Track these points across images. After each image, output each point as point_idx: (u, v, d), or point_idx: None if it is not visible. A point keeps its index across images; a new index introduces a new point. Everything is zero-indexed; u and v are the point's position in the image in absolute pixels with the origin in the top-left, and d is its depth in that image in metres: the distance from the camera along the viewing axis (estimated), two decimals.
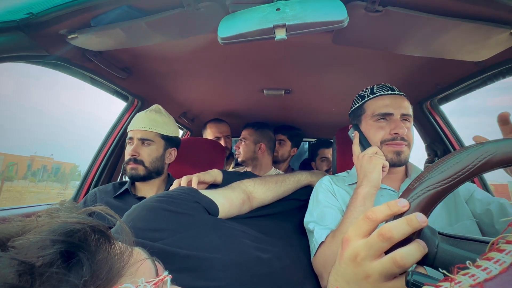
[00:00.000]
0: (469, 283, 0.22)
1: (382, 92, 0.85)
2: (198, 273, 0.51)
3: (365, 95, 0.88)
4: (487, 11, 0.71)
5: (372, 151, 0.78)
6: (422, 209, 0.32)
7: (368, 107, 0.86)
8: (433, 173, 0.33)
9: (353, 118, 0.92)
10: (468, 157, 0.32)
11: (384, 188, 0.82)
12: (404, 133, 0.78)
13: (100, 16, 0.79)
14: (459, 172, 0.32)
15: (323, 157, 1.96)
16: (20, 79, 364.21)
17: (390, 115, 0.81)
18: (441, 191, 0.32)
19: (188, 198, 0.64)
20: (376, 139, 0.82)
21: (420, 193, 0.33)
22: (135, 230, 0.39)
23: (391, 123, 0.80)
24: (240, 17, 0.68)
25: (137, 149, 1.07)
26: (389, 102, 0.82)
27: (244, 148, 1.65)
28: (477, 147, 0.32)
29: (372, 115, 0.83)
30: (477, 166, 0.31)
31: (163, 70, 1.29)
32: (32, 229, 0.27)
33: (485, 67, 0.99)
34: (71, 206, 0.33)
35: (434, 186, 0.32)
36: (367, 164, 0.77)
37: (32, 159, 55.37)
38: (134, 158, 1.06)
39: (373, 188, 0.74)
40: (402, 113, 0.81)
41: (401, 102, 0.82)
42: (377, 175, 0.74)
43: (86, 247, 0.27)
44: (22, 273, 0.23)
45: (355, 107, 0.91)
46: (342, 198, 0.83)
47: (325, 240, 0.72)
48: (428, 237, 0.33)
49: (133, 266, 0.30)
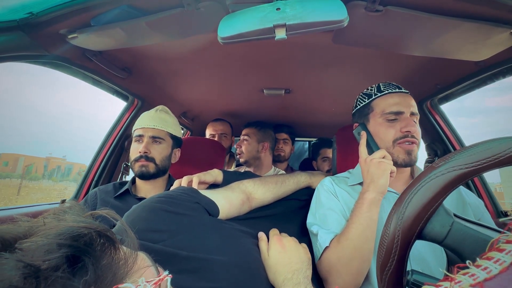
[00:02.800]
0: (469, 283, 0.22)
1: (390, 90, 0.84)
2: (198, 274, 0.51)
3: (372, 94, 0.86)
4: (487, 11, 0.71)
5: (380, 155, 0.76)
6: (444, 188, 0.32)
7: (376, 105, 0.84)
8: (461, 154, 0.33)
9: (358, 117, 0.89)
10: (501, 146, 0.31)
11: (388, 190, 0.80)
12: (415, 131, 0.77)
13: (100, 16, 0.79)
14: (488, 158, 0.31)
15: (325, 157, 1.94)
16: (34, 83, 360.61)
17: (401, 114, 0.79)
18: (467, 173, 0.32)
19: (188, 198, 0.63)
20: (387, 138, 0.79)
21: (445, 171, 0.33)
22: (135, 231, 0.39)
23: (402, 121, 0.78)
24: (240, 16, 0.68)
25: (149, 147, 1.06)
26: (398, 100, 0.81)
27: (247, 147, 1.63)
28: (511, 138, 0.32)
29: (382, 113, 0.81)
30: (508, 156, 0.31)
31: (163, 70, 1.29)
32: (39, 231, 0.27)
33: (485, 66, 0.99)
34: (78, 209, 0.33)
35: (460, 166, 0.32)
36: (375, 169, 0.74)
37: (48, 160, 56.79)
38: (145, 155, 1.05)
39: (380, 194, 0.72)
40: (412, 112, 0.79)
41: (410, 101, 0.81)
42: (384, 182, 0.73)
43: (92, 252, 0.27)
44: (28, 276, 0.23)
45: (361, 105, 0.89)
46: (344, 200, 0.82)
47: (329, 245, 0.71)
48: (443, 214, 0.33)
49: (137, 272, 0.31)
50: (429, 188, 0.33)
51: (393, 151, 0.78)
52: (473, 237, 0.31)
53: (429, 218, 0.33)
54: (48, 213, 0.31)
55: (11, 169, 49.35)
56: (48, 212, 0.31)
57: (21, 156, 53.42)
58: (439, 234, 0.33)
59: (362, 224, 0.69)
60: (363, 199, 0.72)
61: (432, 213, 0.32)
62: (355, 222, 0.70)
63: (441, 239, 0.33)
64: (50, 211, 0.32)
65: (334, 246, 0.70)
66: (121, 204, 1.04)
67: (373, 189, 0.72)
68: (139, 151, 1.05)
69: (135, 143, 1.09)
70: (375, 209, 0.71)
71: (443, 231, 0.32)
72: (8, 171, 48.20)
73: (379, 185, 0.72)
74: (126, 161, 1.49)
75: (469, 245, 0.32)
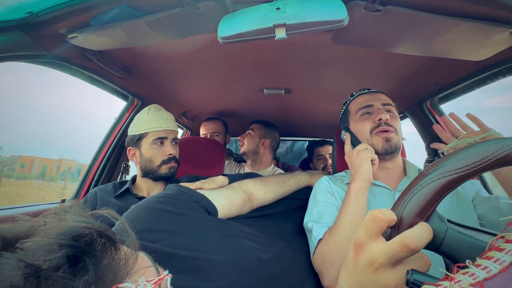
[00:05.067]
0: (469, 282, 0.22)
1: (360, 92, 0.95)
2: (197, 274, 0.51)
3: (347, 100, 0.98)
4: (487, 10, 0.71)
5: (360, 147, 0.82)
6: (435, 195, 0.32)
7: (351, 108, 0.94)
8: (451, 160, 0.33)
9: (342, 123, 1.00)
10: (489, 149, 0.32)
11: (380, 185, 0.83)
12: (386, 117, 0.83)
13: (100, 16, 0.79)
14: (477, 162, 0.32)
15: (319, 155, 1.99)
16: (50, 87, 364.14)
17: (371, 107, 0.87)
18: (457, 179, 0.32)
19: (187, 198, 0.63)
20: (364, 131, 0.86)
21: (435, 178, 0.33)
22: (134, 231, 0.39)
23: (374, 113, 0.86)
24: (240, 16, 0.68)
25: (175, 149, 1.12)
26: (368, 97, 0.90)
27: (249, 140, 1.69)
28: (499, 140, 0.32)
29: (356, 113, 0.91)
30: (496, 158, 0.31)
31: (163, 70, 1.29)
32: (40, 231, 0.27)
33: (485, 66, 0.99)
34: (78, 208, 0.33)
35: (450, 172, 0.32)
36: (356, 159, 0.80)
37: (60, 161, 59.14)
38: (175, 158, 1.11)
39: (364, 181, 0.75)
40: (382, 103, 0.88)
41: (379, 96, 0.91)
42: (366, 168, 0.77)
43: (93, 252, 0.27)
44: (28, 276, 0.23)
45: (341, 113, 1.00)
46: (341, 197, 0.84)
47: (322, 237, 0.72)
48: (437, 221, 0.33)
49: (137, 273, 0.31)
50: (421, 195, 0.33)
51: (373, 141, 0.84)
52: (468, 243, 0.31)
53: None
54: (49, 212, 0.31)
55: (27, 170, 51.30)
56: (49, 211, 0.32)
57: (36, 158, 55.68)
58: (434, 241, 0.32)
59: (350, 213, 0.71)
60: (349, 189, 0.76)
61: (426, 220, 0.32)
62: (344, 211, 0.72)
63: (436, 246, 0.33)
64: (51, 211, 0.32)
65: (326, 237, 0.72)
66: (122, 204, 1.04)
67: (357, 178, 0.76)
68: (168, 154, 1.09)
69: (154, 145, 1.09)
70: (362, 197, 0.74)
71: (439, 237, 0.32)
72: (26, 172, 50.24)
73: (362, 173, 0.76)
74: (126, 161, 1.49)
75: (464, 251, 0.32)
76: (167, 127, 1.11)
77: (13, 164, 45.74)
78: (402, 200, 0.34)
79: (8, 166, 40.50)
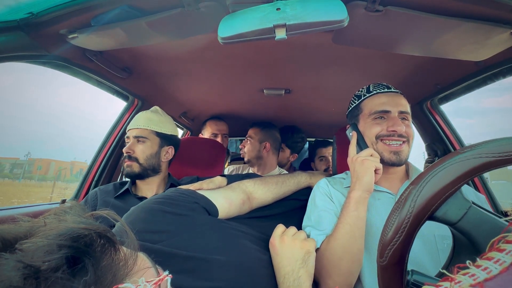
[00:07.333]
0: (469, 283, 0.22)
1: (378, 90, 0.84)
2: (197, 274, 0.51)
3: (362, 95, 0.88)
4: (487, 11, 0.71)
5: (366, 154, 0.77)
6: (466, 173, 0.32)
7: (365, 106, 0.85)
8: (489, 143, 0.33)
9: (350, 118, 0.92)
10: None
11: (381, 190, 0.81)
12: (402, 131, 0.76)
13: (100, 16, 0.79)
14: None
15: (321, 156, 1.97)
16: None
17: (387, 113, 0.80)
18: (492, 162, 0.31)
19: (187, 199, 0.63)
20: (371, 134, 0.80)
21: (470, 157, 0.32)
22: (134, 232, 0.39)
23: (389, 120, 0.79)
24: (240, 16, 0.68)
25: (132, 147, 1.10)
26: (385, 100, 0.81)
27: (249, 147, 1.66)
28: None
29: (369, 114, 0.82)
30: None
31: (163, 70, 1.29)
32: (39, 232, 0.27)
33: (485, 66, 0.99)
34: (78, 209, 0.33)
35: (487, 154, 0.32)
36: (359, 167, 0.75)
37: (73, 163, 60.77)
38: (128, 155, 1.09)
39: (365, 192, 0.72)
40: (400, 111, 0.79)
41: (398, 100, 0.81)
42: (368, 179, 0.73)
43: (92, 253, 0.27)
44: (27, 277, 0.23)
45: (352, 107, 0.91)
46: (339, 202, 0.82)
47: (320, 247, 0.71)
48: (461, 198, 0.33)
49: (137, 274, 0.31)
50: (451, 170, 0.32)
51: (377, 147, 0.79)
52: (490, 223, 0.31)
53: (445, 200, 0.33)
54: (49, 213, 0.31)
55: (44, 172, 52.72)
56: (49, 212, 0.32)
57: (52, 161, 57.45)
58: (454, 216, 0.32)
59: (349, 223, 0.69)
60: (349, 198, 0.73)
61: (449, 195, 0.32)
62: (343, 222, 0.70)
63: (455, 221, 0.32)
64: (51, 211, 0.32)
65: (324, 248, 0.70)
66: (122, 204, 1.04)
67: (358, 188, 0.73)
68: (124, 151, 1.10)
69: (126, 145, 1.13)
70: (361, 208, 0.71)
71: (459, 213, 0.32)
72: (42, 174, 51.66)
73: (364, 183, 0.73)
74: None
75: (485, 230, 0.32)
76: (131, 126, 1.14)
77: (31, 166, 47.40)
78: (431, 170, 0.34)
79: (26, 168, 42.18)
